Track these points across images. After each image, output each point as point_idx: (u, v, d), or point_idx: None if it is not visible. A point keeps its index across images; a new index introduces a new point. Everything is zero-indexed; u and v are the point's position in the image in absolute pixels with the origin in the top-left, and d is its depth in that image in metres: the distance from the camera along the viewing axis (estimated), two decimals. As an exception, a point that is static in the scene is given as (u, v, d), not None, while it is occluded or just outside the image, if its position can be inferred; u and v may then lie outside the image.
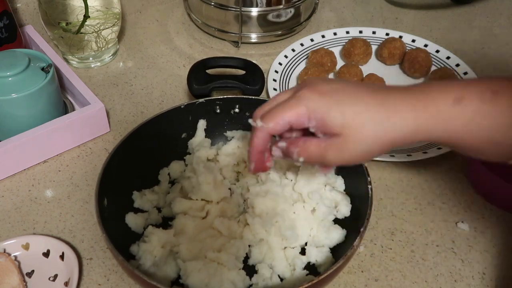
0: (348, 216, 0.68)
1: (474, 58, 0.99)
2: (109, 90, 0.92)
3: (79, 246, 0.70)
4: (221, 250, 0.64)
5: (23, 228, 0.72)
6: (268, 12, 0.97)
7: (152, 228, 0.67)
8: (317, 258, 0.65)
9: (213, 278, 0.61)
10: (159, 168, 0.75)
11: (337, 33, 1.01)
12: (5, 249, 0.66)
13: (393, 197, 0.76)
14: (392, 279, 0.67)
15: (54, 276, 0.65)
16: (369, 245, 0.70)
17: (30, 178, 0.78)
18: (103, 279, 0.66)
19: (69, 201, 0.75)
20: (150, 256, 0.63)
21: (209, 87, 0.80)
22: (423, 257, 0.69)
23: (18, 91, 0.74)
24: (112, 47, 0.97)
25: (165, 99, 0.91)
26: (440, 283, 0.66)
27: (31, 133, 0.76)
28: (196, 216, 0.68)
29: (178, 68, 0.97)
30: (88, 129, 0.82)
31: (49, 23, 0.91)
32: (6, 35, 0.85)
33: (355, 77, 0.89)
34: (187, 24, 1.08)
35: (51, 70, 0.78)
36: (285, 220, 0.66)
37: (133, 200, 0.71)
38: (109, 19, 0.92)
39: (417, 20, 1.11)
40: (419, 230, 0.72)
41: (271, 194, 0.68)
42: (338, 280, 0.66)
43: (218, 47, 1.03)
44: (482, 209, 0.74)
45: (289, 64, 0.94)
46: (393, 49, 0.95)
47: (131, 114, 0.88)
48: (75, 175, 0.79)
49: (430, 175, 0.79)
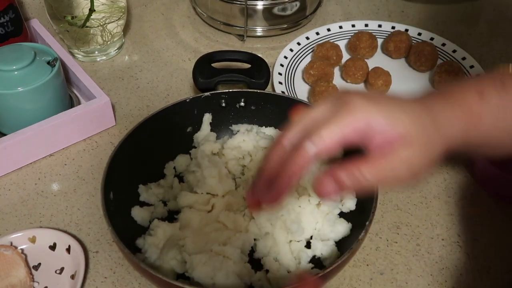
0: (354, 209, 0.68)
1: (480, 51, 0.99)
2: (115, 83, 0.92)
3: (85, 239, 0.70)
4: (226, 244, 0.64)
5: (29, 221, 0.72)
6: (273, 6, 0.97)
7: (157, 221, 0.67)
8: (322, 252, 0.65)
9: (218, 271, 0.61)
10: (164, 162, 0.75)
11: (342, 27, 1.00)
12: (12, 242, 0.67)
13: (398, 190, 0.76)
14: (398, 272, 0.67)
15: (60, 269, 0.66)
16: (375, 238, 0.70)
17: (37, 171, 0.78)
18: (109, 272, 0.67)
19: (75, 195, 0.75)
20: (156, 249, 0.63)
21: (215, 80, 0.80)
22: (429, 250, 0.69)
23: (24, 85, 0.75)
24: (118, 41, 0.97)
25: (170, 93, 0.91)
26: (445, 277, 0.66)
27: (37, 127, 0.77)
28: (201, 209, 0.69)
29: (184, 62, 0.97)
30: (94, 123, 0.82)
31: (55, 16, 0.91)
32: (12, 28, 0.85)
33: (361, 70, 0.89)
34: (193, 18, 1.08)
35: (56, 64, 0.78)
36: (290, 214, 0.66)
37: (139, 193, 0.71)
38: (115, 12, 0.92)
39: (423, 13, 1.10)
40: (424, 224, 0.72)
41: (277, 188, 0.68)
42: (344, 274, 0.66)
43: (224, 41, 1.02)
44: (487, 203, 0.74)
45: (295, 58, 0.94)
46: (399, 43, 0.94)
47: (136, 107, 0.88)
48: (81, 169, 0.79)
49: (435, 169, 0.79)
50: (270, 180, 0.44)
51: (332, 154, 0.42)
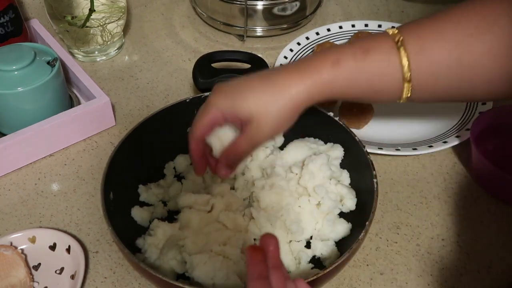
0: (354, 209, 0.68)
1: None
2: (115, 83, 0.92)
3: (85, 239, 0.70)
4: (226, 244, 0.64)
5: (29, 222, 0.72)
6: (273, 6, 0.97)
7: (157, 221, 0.67)
8: (322, 252, 0.65)
9: (218, 271, 0.61)
10: (164, 162, 0.75)
11: (342, 27, 1.00)
12: (12, 242, 0.67)
13: (398, 190, 0.76)
14: (398, 272, 0.67)
15: (60, 269, 0.66)
16: (375, 238, 0.70)
17: (36, 171, 0.78)
18: (109, 272, 0.67)
19: (75, 195, 0.75)
20: (155, 249, 0.63)
21: (215, 81, 0.80)
22: (429, 250, 0.69)
23: (24, 85, 0.75)
24: (118, 41, 0.97)
25: (170, 93, 0.91)
26: (445, 277, 0.66)
27: (37, 127, 0.77)
28: (201, 209, 0.69)
29: (184, 62, 0.97)
30: (93, 123, 0.82)
31: (55, 17, 0.91)
32: (11, 28, 0.85)
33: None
34: (193, 18, 1.08)
35: (56, 64, 0.78)
36: (290, 214, 0.66)
37: (139, 193, 0.71)
38: (115, 12, 0.92)
39: (424, 13, 1.10)
40: (424, 224, 0.72)
41: (276, 188, 0.68)
42: (343, 274, 0.66)
43: (224, 41, 1.03)
44: (487, 203, 0.74)
45: (295, 58, 0.94)
46: (399, 43, 0.94)
47: (136, 108, 0.88)
48: (81, 169, 0.79)
49: (435, 169, 0.79)
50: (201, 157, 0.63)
51: (204, 135, 0.60)
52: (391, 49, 0.56)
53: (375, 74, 0.57)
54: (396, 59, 0.56)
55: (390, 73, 0.57)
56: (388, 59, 0.56)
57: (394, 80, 0.57)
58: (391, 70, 0.57)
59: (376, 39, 0.58)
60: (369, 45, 0.58)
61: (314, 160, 0.69)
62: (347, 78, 0.57)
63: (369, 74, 0.57)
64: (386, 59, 0.57)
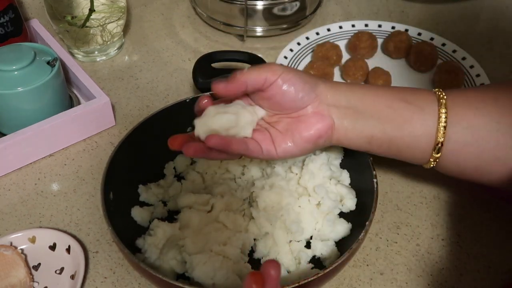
0: (354, 209, 0.68)
1: (480, 51, 0.99)
2: (115, 83, 0.92)
3: (85, 239, 0.70)
4: (226, 244, 0.64)
5: (29, 222, 0.72)
6: (273, 6, 0.97)
7: (157, 221, 0.67)
8: (322, 252, 0.65)
9: (218, 271, 0.61)
10: (164, 162, 0.75)
11: (342, 27, 1.00)
12: (12, 242, 0.67)
13: (398, 190, 0.76)
14: (398, 272, 0.67)
15: (60, 269, 0.66)
16: (375, 238, 0.70)
17: (36, 171, 0.78)
18: (109, 272, 0.67)
19: (75, 195, 0.75)
20: (155, 249, 0.63)
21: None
22: (429, 250, 0.69)
23: (24, 85, 0.75)
24: (118, 41, 0.97)
25: (170, 93, 0.91)
26: (445, 277, 0.66)
27: (37, 127, 0.77)
28: (201, 209, 0.69)
29: (184, 62, 0.97)
30: (93, 123, 0.82)
31: (55, 17, 0.91)
32: (11, 28, 0.85)
33: (361, 70, 0.89)
34: (192, 18, 1.08)
35: (56, 64, 0.78)
36: (290, 214, 0.66)
37: (139, 193, 0.71)
38: (115, 12, 0.92)
39: (423, 13, 1.10)
40: (424, 224, 0.72)
41: (276, 188, 0.68)
42: (343, 274, 0.66)
43: (224, 41, 1.03)
44: (487, 203, 0.74)
45: (295, 58, 0.94)
46: (399, 43, 0.94)
47: (136, 108, 0.88)
48: (81, 169, 0.79)
49: (435, 169, 0.78)
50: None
51: (247, 87, 0.59)
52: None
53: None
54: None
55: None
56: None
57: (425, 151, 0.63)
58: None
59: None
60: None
61: (314, 160, 0.69)
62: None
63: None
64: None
